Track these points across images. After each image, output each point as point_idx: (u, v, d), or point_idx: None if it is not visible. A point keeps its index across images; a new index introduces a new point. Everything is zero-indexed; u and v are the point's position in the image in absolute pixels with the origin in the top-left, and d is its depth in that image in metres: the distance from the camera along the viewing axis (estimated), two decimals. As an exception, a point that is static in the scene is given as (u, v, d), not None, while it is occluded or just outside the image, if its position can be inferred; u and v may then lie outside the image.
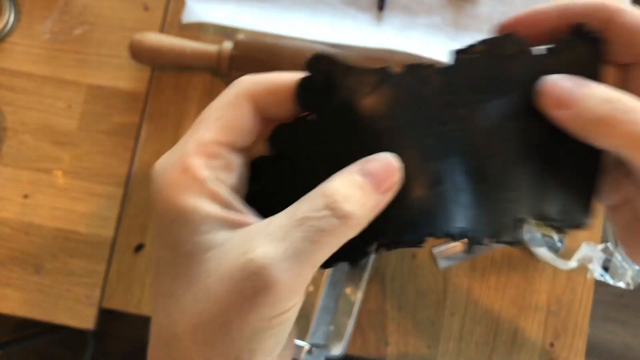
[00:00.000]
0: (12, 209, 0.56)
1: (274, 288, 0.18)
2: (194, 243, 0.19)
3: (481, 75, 0.21)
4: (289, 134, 0.23)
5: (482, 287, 0.56)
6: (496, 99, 0.21)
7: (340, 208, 0.19)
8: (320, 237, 0.18)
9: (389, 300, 0.56)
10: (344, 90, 0.22)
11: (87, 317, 0.55)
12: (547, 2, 0.24)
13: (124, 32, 0.59)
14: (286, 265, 0.18)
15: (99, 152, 0.57)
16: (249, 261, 0.18)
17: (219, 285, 0.18)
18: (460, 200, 0.20)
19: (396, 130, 0.21)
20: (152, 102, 0.58)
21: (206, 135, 0.20)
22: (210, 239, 0.19)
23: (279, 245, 0.18)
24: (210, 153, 0.20)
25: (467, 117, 0.21)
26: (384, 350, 0.55)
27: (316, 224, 0.18)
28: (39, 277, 0.55)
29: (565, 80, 0.21)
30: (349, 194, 0.19)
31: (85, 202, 0.56)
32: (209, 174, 0.20)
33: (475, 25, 0.57)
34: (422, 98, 0.22)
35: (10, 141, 0.57)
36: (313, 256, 0.18)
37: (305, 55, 0.54)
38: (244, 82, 0.23)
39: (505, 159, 0.21)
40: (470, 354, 0.55)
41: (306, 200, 0.20)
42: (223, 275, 0.18)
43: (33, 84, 0.58)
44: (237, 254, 0.18)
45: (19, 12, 0.59)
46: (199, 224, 0.19)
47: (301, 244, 0.18)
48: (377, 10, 0.58)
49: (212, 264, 0.19)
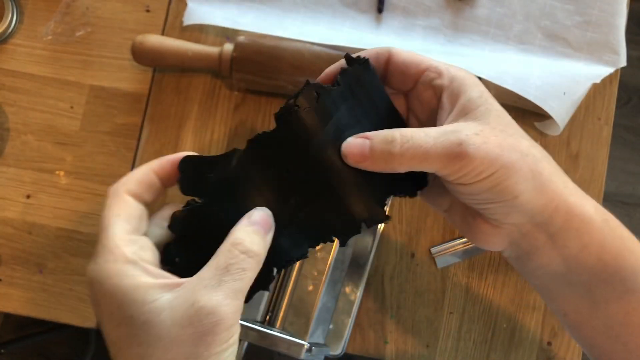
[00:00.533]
0: (15, 209, 0.57)
1: (223, 320, 0.24)
2: (147, 312, 0.24)
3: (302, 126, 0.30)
4: (182, 219, 0.30)
5: (481, 286, 0.56)
6: (318, 139, 0.30)
7: (250, 250, 0.26)
8: (244, 274, 0.26)
9: (388, 299, 0.56)
10: (210, 177, 0.30)
11: (89, 316, 0.56)
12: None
13: (125, 34, 0.59)
14: (227, 302, 0.25)
15: (101, 152, 0.58)
16: (199, 308, 0.24)
17: (182, 332, 0.24)
18: (294, 233, 0.30)
19: (254, 192, 0.30)
20: (153, 103, 0.59)
21: (118, 232, 0.26)
22: (158, 305, 0.24)
23: (218, 290, 0.25)
24: (128, 242, 0.26)
25: (297, 164, 0.30)
26: (383, 349, 0.56)
27: (239, 266, 0.26)
28: (41, 276, 0.56)
29: (356, 142, 0.29)
30: (251, 239, 0.27)
31: (88, 202, 0.57)
32: (135, 257, 0.26)
33: (474, 27, 0.58)
34: (265, 162, 0.30)
35: (13, 141, 0.58)
36: (242, 289, 0.26)
37: (305, 56, 0.54)
38: (118, 186, 0.30)
39: (322, 188, 0.30)
40: (469, 353, 0.56)
41: (222, 253, 0.26)
42: (182, 324, 0.24)
43: (35, 84, 0.59)
44: (186, 306, 0.24)
45: (21, 13, 0.60)
46: (145, 296, 0.24)
47: (233, 284, 0.25)
48: (377, 12, 0.58)
49: (169, 321, 0.24)
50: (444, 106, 0.30)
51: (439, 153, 0.27)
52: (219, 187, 0.30)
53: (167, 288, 0.25)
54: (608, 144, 0.59)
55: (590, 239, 0.29)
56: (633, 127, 1.35)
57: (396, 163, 0.28)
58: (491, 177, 0.28)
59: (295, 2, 0.58)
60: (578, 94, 0.55)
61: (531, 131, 0.58)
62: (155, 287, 0.25)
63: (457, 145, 0.27)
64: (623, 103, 1.35)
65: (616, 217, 0.31)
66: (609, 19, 0.58)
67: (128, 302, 0.25)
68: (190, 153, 0.30)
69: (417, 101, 0.33)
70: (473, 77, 0.31)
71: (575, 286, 0.30)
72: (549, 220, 0.29)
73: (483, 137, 0.28)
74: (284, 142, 0.30)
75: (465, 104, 0.30)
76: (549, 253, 0.30)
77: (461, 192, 0.30)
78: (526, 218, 0.29)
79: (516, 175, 0.28)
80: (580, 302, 0.31)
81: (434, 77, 0.31)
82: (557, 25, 0.58)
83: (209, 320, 0.24)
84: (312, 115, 0.30)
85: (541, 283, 0.32)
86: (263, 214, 0.29)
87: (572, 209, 0.29)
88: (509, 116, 0.32)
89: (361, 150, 0.29)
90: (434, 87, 0.31)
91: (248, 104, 0.59)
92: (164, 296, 0.25)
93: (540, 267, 0.31)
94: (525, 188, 0.28)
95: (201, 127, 0.58)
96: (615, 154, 1.32)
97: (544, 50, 0.58)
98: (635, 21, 1.32)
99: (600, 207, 0.30)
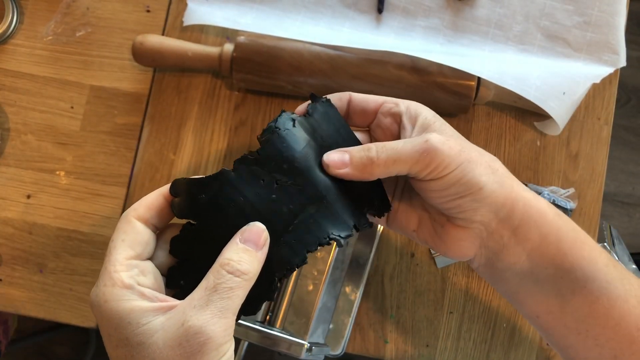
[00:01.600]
0: (15, 209, 0.57)
1: (211, 339, 0.25)
2: (140, 334, 0.25)
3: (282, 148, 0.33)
4: (180, 242, 0.31)
5: (480, 286, 0.56)
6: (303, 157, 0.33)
7: (237, 269, 0.27)
8: (232, 293, 0.27)
9: (388, 299, 0.56)
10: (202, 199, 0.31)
11: (89, 316, 0.56)
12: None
13: (126, 34, 0.59)
14: (215, 321, 0.25)
15: (102, 152, 0.58)
16: (188, 328, 0.25)
17: (172, 352, 0.25)
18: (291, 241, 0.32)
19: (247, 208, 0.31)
20: (153, 103, 0.59)
21: (119, 256, 0.28)
22: (152, 326, 0.26)
23: (206, 309, 0.26)
24: (127, 267, 0.27)
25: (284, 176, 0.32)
26: (383, 349, 0.56)
27: (226, 285, 0.27)
28: (42, 276, 0.56)
29: (336, 153, 0.33)
30: (240, 257, 0.28)
31: (88, 202, 0.57)
32: (132, 282, 0.27)
33: (474, 27, 0.58)
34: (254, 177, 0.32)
35: (13, 142, 0.58)
36: (231, 308, 0.27)
37: (304, 57, 0.54)
38: (129, 211, 0.31)
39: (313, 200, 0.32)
40: (468, 352, 0.56)
41: (211, 274, 0.28)
42: (172, 345, 0.25)
43: (36, 85, 0.59)
44: (176, 327, 0.25)
45: (22, 13, 0.60)
46: (139, 319, 0.26)
47: (220, 302, 0.26)
48: (377, 13, 0.58)
49: (161, 342, 0.25)
50: (405, 127, 0.35)
51: (410, 152, 0.31)
52: (212, 207, 0.31)
53: (161, 311, 0.27)
54: (608, 144, 0.59)
55: (548, 229, 0.32)
56: (632, 127, 1.35)
57: (374, 167, 0.32)
58: (457, 170, 0.31)
59: (295, 2, 0.58)
60: (578, 94, 0.55)
61: (531, 131, 0.59)
62: (149, 310, 0.26)
63: (425, 142, 0.31)
64: (623, 103, 1.35)
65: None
66: (609, 19, 0.58)
67: (124, 324, 0.26)
68: (183, 177, 0.32)
69: (379, 129, 0.37)
70: (423, 105, 0.36)
71: (542, 284, 0.32)
72: (511, 214, 0.32)
73: (445, 138, 0.32)
74: (270, 158, 0.32)
75: (423, 122, 0.34)
76: (514, 249, 0.32)
77: (432, 189, 0.33)
78: (492, 213, 0.32)
79: (479, 168, 0.32)
80: (549, 300, 0.32)
81: (392, 106, 0.36)
82: (556, 26, 0.58)
83: (196, 340, 0.25)
84: (292, 135, 0.33)
85: (510, 288, 0.34)
86: (255, 229, 0.30)
87: (529, 201, 0.32)
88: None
89: (341, 159, 0.32)
90: (393, 114, 0.36)
91: (248, 103, 0.59)
92: (158, 318, 0.26)
93: (508, 268, 0.33)
94: (487, 180, 0.32)
95: (201, 127, 0.58)
96: (615, 154, 1.33)
97: (543, 50, 0.58)
98: (635, 21, 1.33)
99: (550, 204, 0.34)
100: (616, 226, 1.27)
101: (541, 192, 0.55)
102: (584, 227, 0.57)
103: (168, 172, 0.58)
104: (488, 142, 0.59)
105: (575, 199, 0.56)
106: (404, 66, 0.54)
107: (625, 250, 0.57)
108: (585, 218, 0.58)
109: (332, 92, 0.38)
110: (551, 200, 0.55)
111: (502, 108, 0.59)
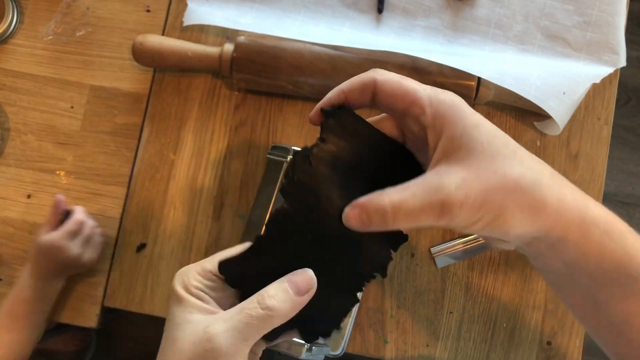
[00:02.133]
0: (15, 209, 0.57)
1: (218, 351, 0.28)
2: (180, 317, 0.29)
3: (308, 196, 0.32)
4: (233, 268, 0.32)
5: (480, 286, 0.56)
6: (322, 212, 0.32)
7: (265, 303, 0.29)
8: (250, 320, 0.29)
9: (388, 299, 0.56)
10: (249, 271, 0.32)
11: (90, 316, 0.56)
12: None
13: (126, 34, 0.59)
14: (227, 336, 0.28)
15: (102, 152, 0.58)
16: (205, 332, 0.28)
17: (188, 346, 0.28)
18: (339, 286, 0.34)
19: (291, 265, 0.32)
20: (153, 103, 0.59)
21: (207, 266, 0.31)
22: (189, 317, 0.29)
23: (224, 324, 0.29)
24: (205, 276, 0.31)
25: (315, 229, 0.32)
26: (383, 349, 0.56)
27: (248, 312, 0.29)
28: (42, 276, 0.56)
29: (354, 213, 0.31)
30: (274, 293, 0.30)
31: (88, 202, 0.57)
32: (197, 290, 0.31)
33: (474, 27, 0.58)
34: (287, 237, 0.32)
35: (13, 141, 0.58)
36: (244, 332, 0.29)
37: (304, 56, 0.54)
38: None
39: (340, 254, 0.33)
40: (468, 352, 0.56)
41: (248, 299, 0.30)
42: (191, 340, 0.28)
43: (36, 84, 0.59)
44: (202, 327, 0.29)
45: (22, 13, 0.60)
46: (185, 307, 0.30)
47: (237, 324, 0.29)
48: (377, 13, 0.58)
49: (187, 332, 0.29)
50: (430, 144, 0.31)
51: (427, 214, 0.29)
52: (259, 277, 0.32)
53: (204, 312, 0.30)
54: (607, 144, 0.59)
55: (589, 249, 0.30)
56: (632, 127, 1.35)
57: (391, 226, 0.30)
58: (479, 222, 0.29)
59: (295, 2, 0.58)
60: (578, 94, 0.55)
61: (531, 131, 0.59)
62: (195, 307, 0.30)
63: (442, 205, 0.29)
64: (622, 103, 1.35)
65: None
66: (609, 19, 0.58)
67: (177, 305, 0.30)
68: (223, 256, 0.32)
69: (408, 130, 0.34)
70: (456, 105, 0.31)
71: (578, 285, 0.31)
72: (547, 235, 0.30)
73: (466, 188, 0.29)
74: (296, 215, 0.32)
75: (447, 146, 0.30)
76: (551, 257, 0.31)
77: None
78: (523, 239, 0.31)
79: (504, 214, 0.29)
80: (583, 300, 0.32)
81: (419, 112, 0.31)
82: (556, 26, 0.58)
83: (204, 346, 0.28)
84: (312, 177, 0.32)
85: (549, 279, 0.34)
86: (304, 276, 0.31)
87: (568, 225, 0.30)
88: (496, 136, 0.30)
89: (360, 221, 0.31)
90: (420, 123, 0.32)
91: (248, 103, 0.59)
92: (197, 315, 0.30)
93: (546, 266, 0.32)
94: (514, 223, 0.29)
95: (201, 127, 0.58)
96: (615, 154, 1.32)
97: (543, 50, 0.58)
98: (635, 21, 1.32)
99: (603, 213, 0.30)
100: (616, 226, 1.27)
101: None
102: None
103: (168, 172, 0.58)
104: (488, 142, 0.59)
105: (575, 199, 0.56)
106: (404, 66, 0.54)
107: (625, 250, 0.57)
108: (585, 218, 0.58)
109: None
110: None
111: (502, 108, 0.59)
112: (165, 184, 0.57)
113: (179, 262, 0.56)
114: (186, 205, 0.57)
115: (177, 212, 0.57)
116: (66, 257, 0.51)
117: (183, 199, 0.57)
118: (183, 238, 0.57)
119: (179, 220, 0.57)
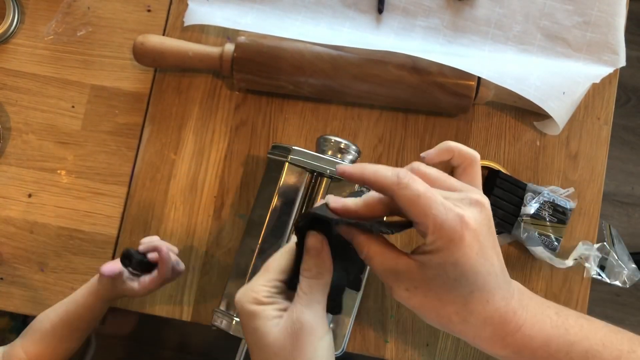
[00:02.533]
0: (16, 208, 0.57)
1: (304, 326, 0.32)
2: (264, 326, 0.33)
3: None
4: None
5: (480, 286, 0.56)
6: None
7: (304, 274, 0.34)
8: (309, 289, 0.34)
9: (388, 299, 0.56)
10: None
11: (90, 315, 0.56)
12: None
13: (126, 34, 0.59)
14: (305, 310, 0.33)
15: (102, 151, 0.58)
16: (291, 316, 0.33)
17: (284, 336, 0.33)
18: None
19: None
20: (154, 103, 0.59)
21: (270, 276, 0.35)
22: (272, 323, 0.33)
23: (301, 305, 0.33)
24: (270, 284, 0.35)
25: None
26: (384, 348, 0.56)
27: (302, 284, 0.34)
28: (43, 275, 0.56)
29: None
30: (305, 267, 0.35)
31: (89, 201, 0.57)
32: (269, 298, 0.34)
33: (474, 27, 0.58)
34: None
35: (14, 141, 0.58)
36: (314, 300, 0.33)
37: (305, 57, 0.55)
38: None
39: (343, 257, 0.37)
40: (468, 352, 0.56)
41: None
42: (288, 334, 0.33)
43: (37, 84, 0.59)
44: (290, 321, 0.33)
45: (22, 13, 0.60)
46: (266, 319, 0.33)
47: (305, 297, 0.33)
48: (377, 13, 0.58)
49: (278, 329, 0.33)
50: (425, 245, 0.33)
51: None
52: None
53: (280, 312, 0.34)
54: (607, 143, 0.59)
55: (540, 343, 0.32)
56: (632, 127, 1.35)
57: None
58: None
59: (295, 2, 0.58)
60: (577, 94, 0.55)
61: (531, 131, 0.59)
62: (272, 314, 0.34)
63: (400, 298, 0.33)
64: (622, 103, 1.35)
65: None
66: (609, 19, 0.58)
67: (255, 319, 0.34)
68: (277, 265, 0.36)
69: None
70: (456, 244, 0.31)
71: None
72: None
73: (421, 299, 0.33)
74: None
75: (435, 262, 0.33)
76: (498, 350, 0.34)
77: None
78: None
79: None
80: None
81: (423, 230, 0.32)
82: (556, 26, 0.58)
83: (296, 325, 0.32)
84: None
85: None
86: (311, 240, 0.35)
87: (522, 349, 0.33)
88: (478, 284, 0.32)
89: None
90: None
91: (249, 103, 0.59)
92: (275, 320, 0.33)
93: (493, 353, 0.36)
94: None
95: (202, 127, 0.58)
96: (615, 153, 1.33)
97: (543, 50, 0.58)
98: (635, 21, 1.33)
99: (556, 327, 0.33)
100: (615, 226, 1.27)
101: (541, 192, 0.55)
102: (583, 227, 0.57)
103: (169, 172, 0.58)
104: (488, 142, 0.59)
105: (574, 198, 0.56)
106: (405, 66, 0.54)
107: (624, 250, 0.57)
108: (584, 217, 0.58)
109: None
110: (551, 199, 0.55)
111: (502, 108, 0.59)
112: (166, 184, 0.58)
113: (179, 262, 0.56)
114: (187, 205, 0.57)
115: (178, 212, 0.57)
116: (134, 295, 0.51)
117: (184, 199, 0.57)
118: (184, 237, 0.57)
119: (180, 220, 0.57)
